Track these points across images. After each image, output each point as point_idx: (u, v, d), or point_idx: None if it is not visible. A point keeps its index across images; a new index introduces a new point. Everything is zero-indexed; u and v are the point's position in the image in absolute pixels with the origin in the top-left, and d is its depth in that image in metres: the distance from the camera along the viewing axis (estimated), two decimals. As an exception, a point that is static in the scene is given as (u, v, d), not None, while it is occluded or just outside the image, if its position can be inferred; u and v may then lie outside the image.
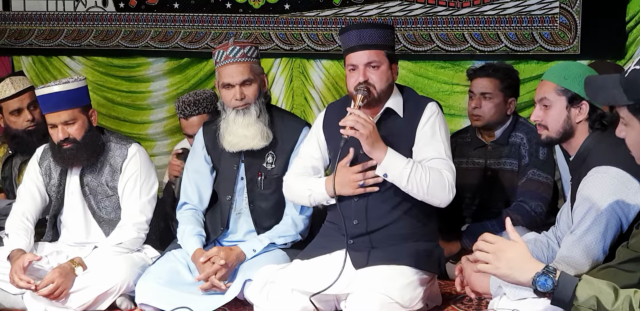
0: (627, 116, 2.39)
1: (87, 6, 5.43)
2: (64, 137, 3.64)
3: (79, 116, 3.67)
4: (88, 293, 3.51)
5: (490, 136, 4.10)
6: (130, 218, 3.70)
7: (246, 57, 3.62)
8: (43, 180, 3.82)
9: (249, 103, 3.60)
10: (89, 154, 3.70)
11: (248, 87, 3.61)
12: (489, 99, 3.99)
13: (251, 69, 3.62)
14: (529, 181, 3.93)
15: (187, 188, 3.82)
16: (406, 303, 3.12)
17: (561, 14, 4.65)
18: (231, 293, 3.44)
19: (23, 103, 4.22)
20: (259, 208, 3.70)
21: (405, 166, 3.12)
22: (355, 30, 3.29)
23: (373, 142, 3.11)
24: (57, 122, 3.64)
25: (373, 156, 3.16)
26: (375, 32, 3.26)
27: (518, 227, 3.84)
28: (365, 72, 3.23)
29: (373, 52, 3.24)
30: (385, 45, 3.27)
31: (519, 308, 2.84)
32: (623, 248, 2.59)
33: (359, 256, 3.23)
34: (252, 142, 3.61)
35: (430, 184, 3.12)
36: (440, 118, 3.31)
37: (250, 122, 3.59)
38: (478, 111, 4.01)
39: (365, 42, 3.25)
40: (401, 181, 3.13)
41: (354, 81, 3.24)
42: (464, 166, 4.14)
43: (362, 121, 3.07)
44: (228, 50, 3.61)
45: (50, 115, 3.65)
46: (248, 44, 3.67)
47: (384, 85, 3.26)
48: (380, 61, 3.25)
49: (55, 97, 3.62)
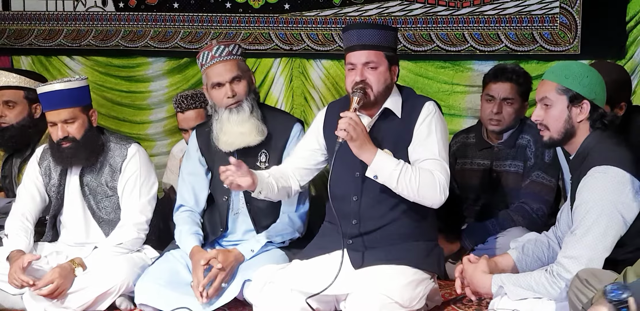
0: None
1: (86, 6, 5.43)
2: (63, 135, 3.64)
3: (79, 115, 3.67)
4: (87, 293, 3.50)
5: (498, 138, 4.08)
6: (130, 218, 3.70)
7: (232, 55, 3.63)
8: (43, 180, 3.81)
9: (240, 100, 3.60)
10: (88, 153, 3.70)
11: (238, 84, 3.61)
12: (510, 105, 3.95)
13: (239, 66, 3.63)
14: (532, 183, 3.92)
15: (183, 191, 3.82)
16: (406, 303, 3.11)
17: (561, 14, 4.64)
18: (230, 294, 3.43)
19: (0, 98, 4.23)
20: (256, 207, 3.70)
21: (395, 168, 3.11)
22: (356, 29, 3.29)
23: (361, 145, 3.11)
24: (57, 120, 3.64)
25: (362, 158, 3.15)
26: (375, 33, 3.25)
27: (518, 228, 3.85)
28: (363, 72, 3.23)
29: (372, 53, 3.24)
30: (385, 47, 3.27)
31: (519, 308, 2.84)
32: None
33: (358, 256, 3.23)
34: (248, 138, 3.61)
35: (420, 186, 3.12)
36: (437, 117, 3.29)
37: (244, 118, 3.60)
38: (499, 116, 3.96)
39: (364, 42, 3.24)
40: (391, 183, 3.13)
41: (351, 80, 3.25)
42: (468, 166, 4.13)
43: (352, 123, 3.08)
44: (213, 50, 3.62)
45: (51, 113, 3.65)
46: (232, 43, 3.70)
47: (381, 86, 3.25)
48: (379, 61, 3.25)
49: (56, 95, 3.62)
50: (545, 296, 2.82)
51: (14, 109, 4.23)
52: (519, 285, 2.86)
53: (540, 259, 3.12)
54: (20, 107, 4.22)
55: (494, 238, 3.86)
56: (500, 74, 3.98)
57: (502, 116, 3.97)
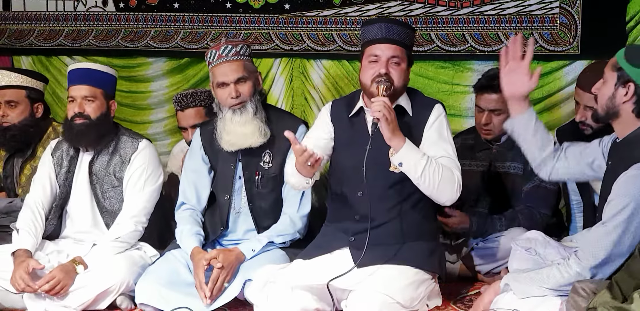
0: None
1: (87, 6, 5.43)
2: (79, 111, 3.72)
3: (100, 97, 3.78)
4: (87, 292, 3.51)
5: (496, 139, 4.10)
6: (129, 210, 3.72)
7: (239, 55, 3.63)
8: (55, 170, 3.85)
9: (244, 101, 3.61)
10: (98, 134, 3.76)
11: (243, 85, 3.61)
12: (498, 115, 3.97)
13: (245, 67, 3.63)
14: (536, 187, 3.94)
15: (185, 189, 3.83)
16: (407, 303, 3.12)
17: (561, 14, 4.64)
18: (231, 293, 3.44)
19: (2, 98, 4.25)
20: (258, 207, 3.71)
21: (421, 159, 3.12)
22: (384, 23, 3.30)
23: (394, 129, 3.11)
24: (77, 96, 3.73)
25: (392, 144, 3.14)
26: (402, 30, 3.29)
27: (518, 228, 3.85)
28: (388, 65, 3.23)
29: (398, 48, 3.26)
30: (408, 45, 3.31)
31: (519, 308, 2.84)
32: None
33: (360, 254, 3.21)
34: (250, 139, 3.61)
35: (442, 180, 3.13)
36: (446, 119, 3.35)
37: (248, 119, 3.60)
38: (488, 126, 4.01)
39: (393, 36, 3.26)
40: (415, 172, 3.12)
41: (373, 72, 3.24)
42: (467, 167, 4.12)
43: (387, 106, 3.08)
44: (220, 50, 3.62)
45: (73, 88, 3.76)
46: (240, 43, 3.69)
47: (401, 83, 3.28)
48: (402, 58, 3.27)
49: (83, 71, 3.78)
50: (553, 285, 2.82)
51: (15, 108, 4.25)
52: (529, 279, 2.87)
53: None
54: (22, 107, 4.24)
55: (496, 238, 3.87)
56: (487, 86, 3.99)
57: (491, 125, 4.02)
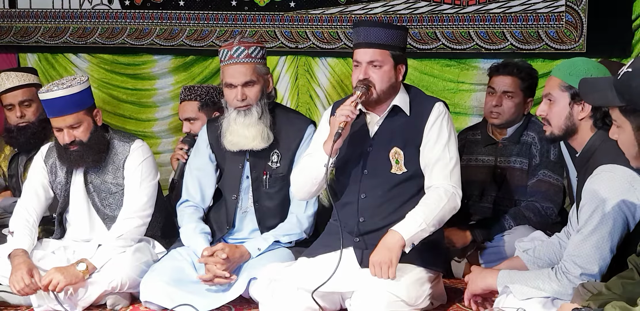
0: (619, 117, 2.42)
1: (92, 4, 5.42)
2: (70, 140, 3.66)
3: (84, 118, 3.68)
4: (92, 290, 3.51)
5: (502, 133, 4.09)
6: (131, 206, 3.70)
7: (250, 58, 3.60)
8: (48, 178, 3.82)
9: (250, 104, 3.59)
10: (94, 154, 3.71)
11: (250, 89, 3.59)
12: (510, 98, 3.98)
13: (254, 70, 3.60)
14: (539, 181, 3.93)
15: (190, 186, 3.82)
16: (412, 301, 3.12)
17: (567, 12, 4.64)
18: (236, 291, 3.44)
19: (15, 99, 4.29)
20: (264, 207, 3.70)
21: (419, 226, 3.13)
22: (363, 27, 3.31)
23: None
24: (63, 126, 3.65)
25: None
26: (382, 32, 3.26)
27: (524, 226, 3.85)
28: (367, 70, 3.25)
29: (377, 52, 3.25)
30: (392, 46, 3.27)
31: (524, 307, 2.84)
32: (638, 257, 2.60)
33: (365, 254, 3.22)
34: (252, 143, 3.60)
35: (443, 213, 3.20)
36: (447, 119, 3.33)
37: (251, 123, 3.58)
38: (498, 109, 4.00)
39: (370, 40, 3.26)
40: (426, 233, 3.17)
41: (355, 77, 3.28)
42: (473, 163, 4.14)
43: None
44: (232, 50, 3.60)
45: (56, 119, 3.66)
46: (253, 44, 3.64)
47: (385, 85, 3.27)
48: (384, 60, 3.26)
49: (59, 101, 3.62)
50: (551, 293, 2.82)
51: (31, 107, 4.31)
52: (525, 284, 2.86)
53: (551, 260, 3.12)
54: (36, 104, 4.26)
55: (501, 236, 3.87)
56: (503, 68, 4.03)
57: (501, 108, 3.99)
